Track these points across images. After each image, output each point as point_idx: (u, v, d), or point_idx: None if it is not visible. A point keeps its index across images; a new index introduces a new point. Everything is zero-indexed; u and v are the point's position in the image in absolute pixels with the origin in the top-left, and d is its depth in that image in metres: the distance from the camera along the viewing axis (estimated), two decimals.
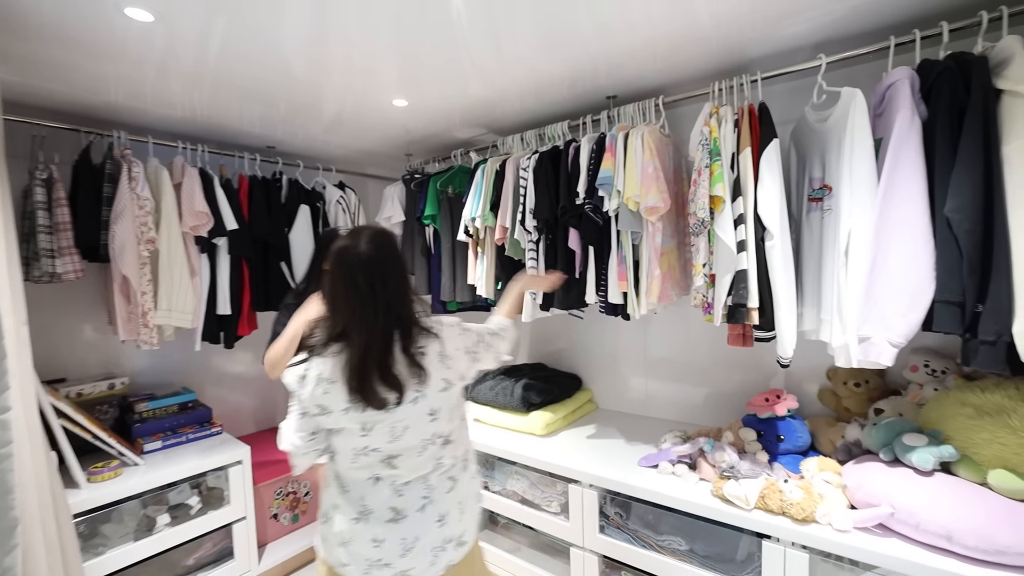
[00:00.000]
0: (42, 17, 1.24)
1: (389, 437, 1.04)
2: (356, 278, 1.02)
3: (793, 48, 1.54)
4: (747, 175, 1.37)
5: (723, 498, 1.37)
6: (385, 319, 1.03)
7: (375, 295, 1.02)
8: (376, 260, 1.04)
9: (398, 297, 1.06)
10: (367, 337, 1.01)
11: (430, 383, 1.06)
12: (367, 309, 1.02)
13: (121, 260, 1.65)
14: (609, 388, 2.28)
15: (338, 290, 1.04)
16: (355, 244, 1.04)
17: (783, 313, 1.32)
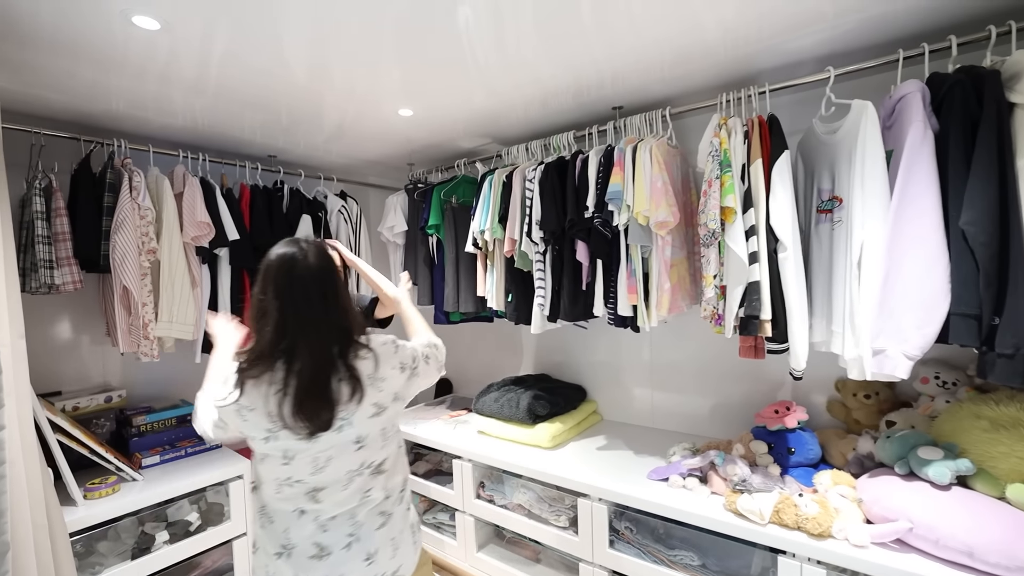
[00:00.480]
0: (42, 24, 1.21)
1: (311, 468, 0.99)
2: (309, 290, 0.97)
3: (800, 60, 1.55)
4: (758, 187, 1.37)
5: (737, 512, 1.35)
6: (332, 336, 0.99)
7: (327, 309, 0.98)
8: (326, 271, 1.00)
9: (345, 312, 1.02)
10: (315, 355, 0.95)
11: (359, 409, 1.00)
12: (317, 325, 0.97)
13: (122, 271, 1.62)
14: (614, 399, 2.26)
15: (284, 303, 0.96)
16: (303, 254, 0.99)
17: (796, 325, 1.31)
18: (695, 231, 1.76)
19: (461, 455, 2.01)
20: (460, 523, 2.03)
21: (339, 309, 1.01)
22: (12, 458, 1.14)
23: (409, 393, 1.13)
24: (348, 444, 1.01)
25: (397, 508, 1.10)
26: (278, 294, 0.96)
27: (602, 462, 1.79)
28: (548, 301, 1.81)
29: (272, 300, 0.96)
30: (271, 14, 1.21)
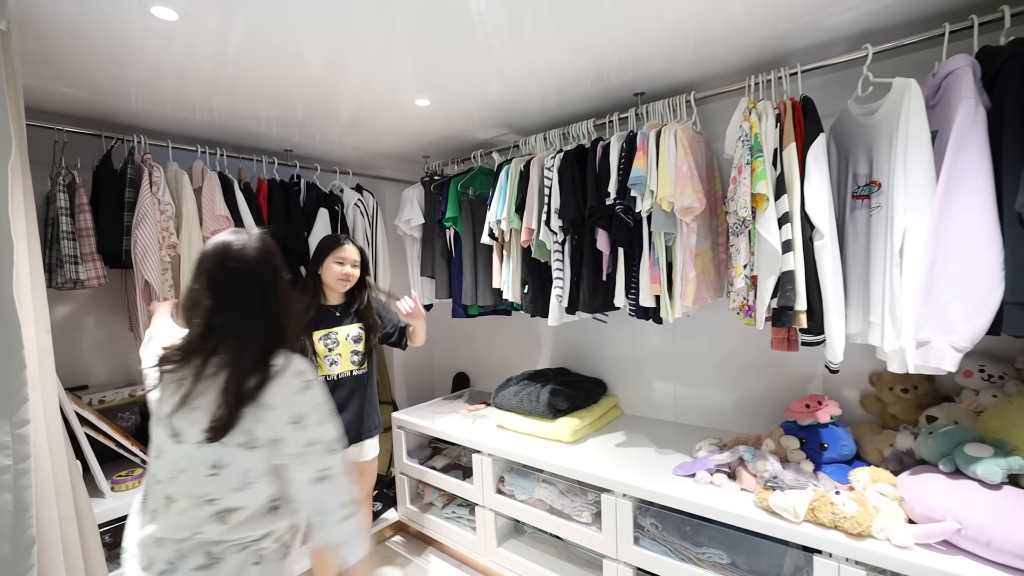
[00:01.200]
0: (62, 18, 1.21)
1: (170, 471, 0.91)
2: (243, 283, 0.91)
3: (835, 39, 1.48)
4: (792, 172, 1.31)
5: (768, 510, 1.30)
6: (262, 334, 0.92)
7: (262, 304, 0.93)
8: (264, 264, 0.94)
9: (282, 309, 0.96)
10: (238, 355, 0.90)
11: (235, 429, 0.89)
12: (251, 319, 0.91)
13: (144, 265, 1.63)
14: (635, 393, 2.22)
15: (215, 295, 0.91)
16: (240, 244, 0.93)
17: (833, 316, 1.26)
18: (720, 221, 1.71)
19: (481, 449, 1.99)
20: (480, 517, 2.02)
21: (276, 305, 0.95)
22: (38, 452, 1.15)
23: (284, 452, 0.91)
24: (203, 463, 0.90)
25: (233, 555, 0.91)
26: (210, 284, 0.92)
27: (625, 457, 1.75)
28: (567, 292, 1.77)
29: (203, 291, 0.92)
30: (286, 5, 1.18)
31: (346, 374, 1.72)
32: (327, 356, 1.69)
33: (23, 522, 1.03)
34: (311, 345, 1.67)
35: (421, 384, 3.09)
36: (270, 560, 0.95)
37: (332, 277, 1.70)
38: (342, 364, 1.71)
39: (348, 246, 1.73)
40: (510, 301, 1.98)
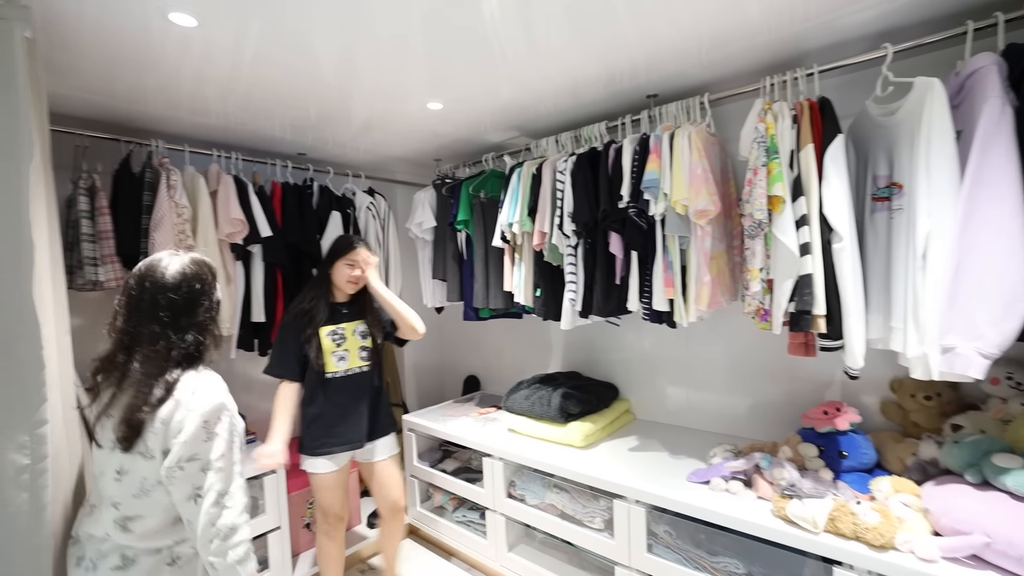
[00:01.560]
0: (85, 26, 1.24)
1: (96, 474, 0.99)
2: (156, 304, 0.98)
3: (852, 38, 1.45)
4: (810, 174, 1.29)
5: (786, 519, 1.27)
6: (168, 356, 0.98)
7: (174, 325, 0.99)
8: (182, 287, 1.00)
9: (196, 332, 1.01)
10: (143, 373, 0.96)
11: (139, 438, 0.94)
12: (155, 341, 0.97)
13: None
14: (647, 398, 2.20)
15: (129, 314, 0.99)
16: (163, 266, 1.01)
17: (853, 321, 1.23)
18: (734, 223, 1.69)
19: (492, 453, 1.98)
20: (491, 522, 2.01)
21: (190, 326, 1.00)
22: (55, 452, 1.16)
23: (164, 464, 0.93)
24: (111, 468, 0.96)
25: (146, 558, 0.97)
26: (127, 303, 0.99)
27: (637, 463, 1.73)
28: (580, 296, 1.76)
29: (120, 308, 1.00)
30: (301, 9, 1.20)
31: (355, 370, 1.74)
32: (335, 352, 1.71)
33: (40, 520, 1.04)
34: (318, 340, 1.69)
35: (431, 387, 3.09)
36: (187, 562, 0.99)
37: (342, 279, 1.74)
38: (350, 360, 1.73)
39: (361, 250, 1.76)
40: (522, 304, 1.98)
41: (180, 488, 0.93)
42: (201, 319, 1.03)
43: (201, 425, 0.95)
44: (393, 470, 1.84)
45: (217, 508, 0.93)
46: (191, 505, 0.93)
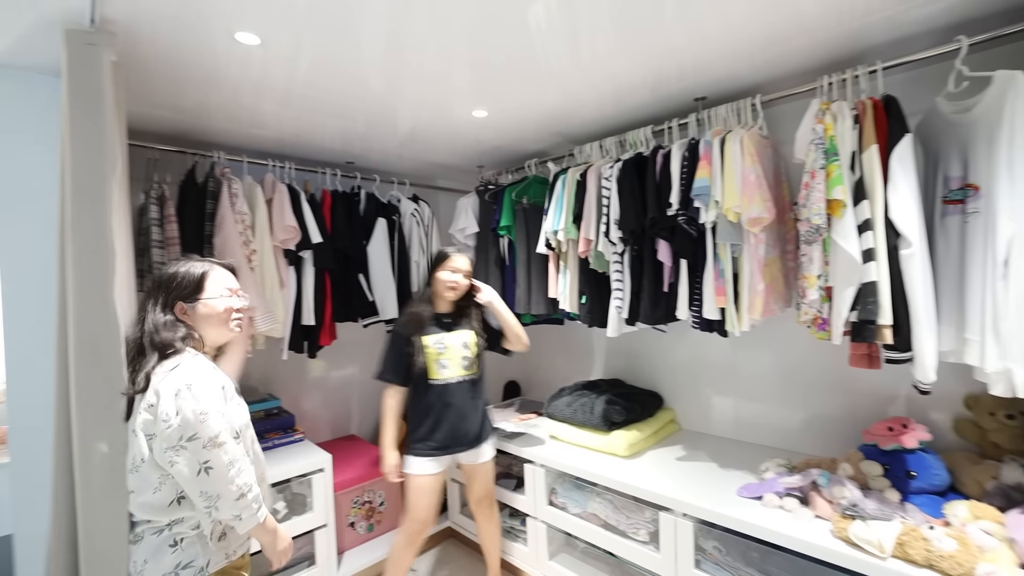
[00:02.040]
0: (158, 50, 1.33)
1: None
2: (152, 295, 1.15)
3: (918, 33, 1.38)
4: (873, 176, 1.23)
5: (848, 540, 1.21)
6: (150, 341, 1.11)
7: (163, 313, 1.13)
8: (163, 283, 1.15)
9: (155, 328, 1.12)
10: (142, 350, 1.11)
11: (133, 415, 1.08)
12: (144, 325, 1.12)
13: None
14: (693, 408, 2.14)
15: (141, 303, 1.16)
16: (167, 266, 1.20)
17: (923, 332, 1.15)
18: (788, 228, 1.63)
19: (533, 460, 1.97)
20: (532, 529, 2.00)
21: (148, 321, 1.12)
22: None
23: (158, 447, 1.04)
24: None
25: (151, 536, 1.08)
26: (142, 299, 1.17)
27: (683, 475, 1.68)
28: (627, 303, 1.73)
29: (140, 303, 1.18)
30: (350, 24, 1.24)
31: (456, 379, 1.77)
32: (438, 360, 1.76)
33: (121, 504, 1.11)
34: (422, 348, 1.76)
35: None
36: (190, 545, 1.08)
37: (441, 287, 1.79)
38: (452, 369, 1.77)
39: (456, 256, 1.81)
40: (566, 311, 1.97)
41: (187, 466, 1.02)
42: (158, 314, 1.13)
43: (188, 408, 1.04)
44: (488, 469, 1.90)
45: (233, 472, 1.05)
46: (204, 478, 1.03)
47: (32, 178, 1.39)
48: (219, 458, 1.04)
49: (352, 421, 2.73)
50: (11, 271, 1.37)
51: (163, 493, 1.07)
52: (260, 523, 1.11)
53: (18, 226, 1.38)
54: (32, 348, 1.38)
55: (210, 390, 1.09)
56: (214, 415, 1.06)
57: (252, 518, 1.09)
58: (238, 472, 1.06)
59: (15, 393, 1.37)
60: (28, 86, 1.39)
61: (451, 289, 1.78)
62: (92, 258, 1.12)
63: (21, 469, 1.36)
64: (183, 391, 1.05)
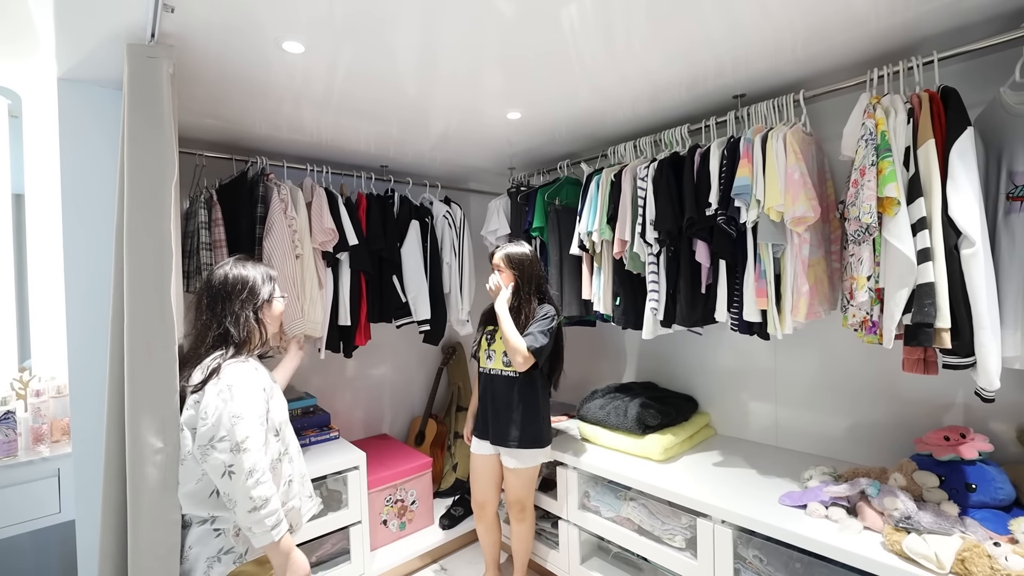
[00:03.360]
0: (210, 60, 1.38)
1: None
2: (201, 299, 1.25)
3: (977, 21, 1.31)
4: (930, 172, 1.17)
5: (902, 554, 1.15)
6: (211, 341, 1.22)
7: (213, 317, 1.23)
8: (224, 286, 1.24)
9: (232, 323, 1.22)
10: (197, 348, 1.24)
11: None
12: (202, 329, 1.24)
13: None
14: (729, 412, 2.08)
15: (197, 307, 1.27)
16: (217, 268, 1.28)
17: (987, 336, 1.09)
18: (832, 227, 1.57)
19: (565, 462, 1.96)
20: (563, 532, 1.98)
21: (224, 317, 1.22)
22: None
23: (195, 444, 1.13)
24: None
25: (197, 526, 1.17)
26: (196, 301, 1.27)
27: (721, 481, 1.64)
28: (662, 305, 1.71)
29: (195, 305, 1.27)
30: (386, 30, 1.27)
31: (497, 371, 1.84)
32: (486, 350, 1.87)
33: (172, 497, 1.16)
34: (479, 338, 1.90)
35: None
36: (229, 536, 1.16)
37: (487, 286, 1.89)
38: (495, 360, 1.84)
39: (496, 253, 1.88)
40: (600, 312, 1.95)
41: (214, 466, 1.08)
42: (237, 312, 1.22)
43: (224, 410, 1.09)
44: (514, 477, 1.83)
45: (252, 482, 1.07)
46: (227, 480, 1.08)
47: (97, 186, 1.48)
48: (241, 464, 1.07)
49: (384, 420, 2.78)
50: (74, 273, 1.45)
51: (203, 484, 1.14)
52: (274, 542, 1.11)
53: (82, 231, 1.46)
54: (93, 344, 1.45)
55: (250, 393, 1.13)
56: (248, 419, 1.10)
57: (265, 534, 1.09)
58: (256, 483, 1.08)
59: (77, 387, 1.45)
60: (93, 99, 1.47)
61: (492, 290, 1.86)
62: (150, 260, 1.17)
63: (83, 459, 1.44)
64: (224, 391, 1.11)
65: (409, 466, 2.30)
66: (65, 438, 1.78)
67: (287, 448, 1.27)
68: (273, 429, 1.21)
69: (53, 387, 1.81)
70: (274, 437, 1.21)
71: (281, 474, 1.23)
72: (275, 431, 1.22)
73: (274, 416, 1.22)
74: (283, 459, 1.24)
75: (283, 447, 1.25)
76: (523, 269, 1.83)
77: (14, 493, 1.61)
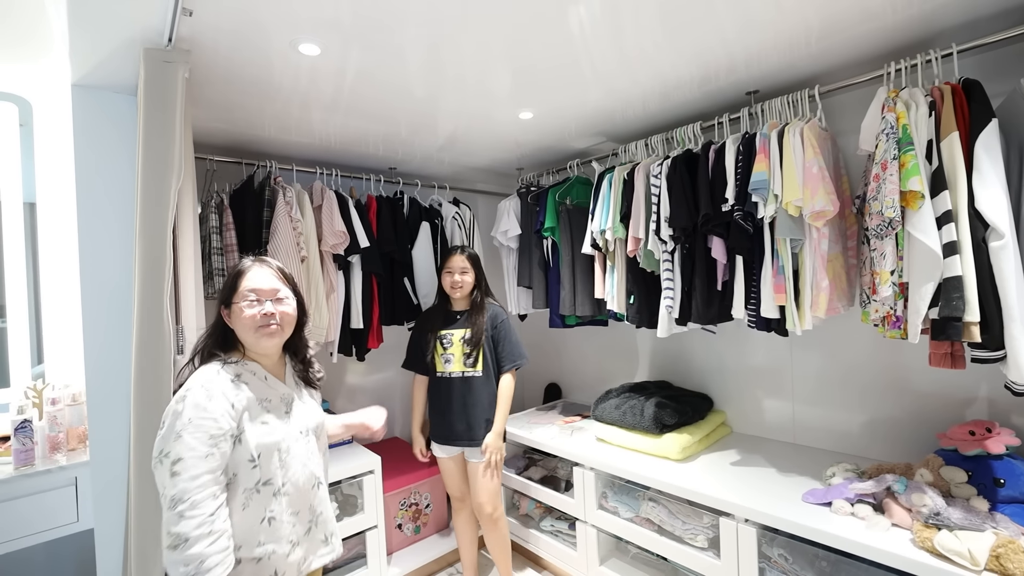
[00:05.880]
0: (218, 61, 1.37)
1: None
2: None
3: (994, 12, 1.31)
4: (955, 165, 1.16)
5: (933, 551, 1.14)
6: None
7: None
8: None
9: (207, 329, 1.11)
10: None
11: None
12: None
13: None
14: (745, 410, 2.07)
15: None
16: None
17: (1017, 328, 1.08)
18: (848, 223, 1.56)
19: (582, 463, 1.95)
20: (581, 533, 1.97)
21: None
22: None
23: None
24: None
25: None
26: None
27: (741, 479, 1.63)
28: (677, 303, 1.70)
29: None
30: (394, 30, 1.26)
31: (457, 373, 1.86)
32: (442, 354, 1.88)
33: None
34: (431, 343, 1.89)
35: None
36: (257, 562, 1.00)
37: (447, 285, 1.90)
38: (455, 363, 1.86)
39: (455, 256, 1.89)
40: (613, 311, 1.94)
41: (159, 482, 0.91)
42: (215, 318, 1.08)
43: (168, 422, 0.93)
44: (483, 475, 1.86)
45: (173, 515, 0.87)
46: (162, 500, 0.89)
47: (112, 193, 1.47)
48: (167, 490, 0.88)
49: (396, 424, 2.77)
50: (91, 280, 1.45)
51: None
52: None
53: (98, 238, 1.46)
54: (109, 351, 1.45)
55: (201, 403, 0.93)
56: (187, 436, 0.90)
57: None
58: (178, 517, 0.86)
59: (94, 394, 1.44)
60: (107, 105, 1.47)
61: (455, 288, 1.88)
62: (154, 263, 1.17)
63: (101, 467, 1.43)
64: (179, 399, 0.94)
65: (423, 469, 2.29)
66: (82, 446, 1.77)
67: (270, 479, 1.00)
68: (248, 454, 0.97)
69: (68, 395, 1.80)
70: (248, 463, 0.97)
71: (251, 509, 0.97)
72: (250, 457, 0.97)
73: (252, 438, 0.98)
74: (260, 490, 0.98)
75: (262, 476, 0.99)
76: (480, 268, 1.94)
77: (31, 503, 1.60)
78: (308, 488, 1.08)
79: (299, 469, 1.06)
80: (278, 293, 1.08)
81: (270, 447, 1.01)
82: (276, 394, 1.08)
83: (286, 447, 1.04)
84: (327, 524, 1.13)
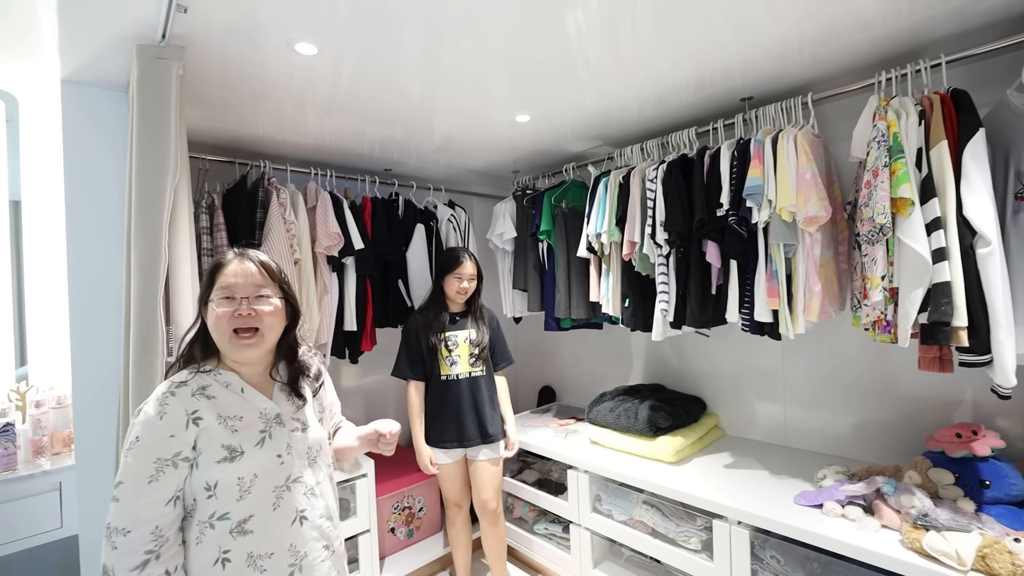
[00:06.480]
0: (210, 59, 1.35)
1: None
2: None
3: (985, 24, 1.33)
4: (944, 173, 1.18)
5: (922, 552, 1.16)
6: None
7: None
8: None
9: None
10: None
11: None
12: None
13: None
14: (737, 413, 2.09)
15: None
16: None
17: (1003, 333, 1.11)
18: (840, 229, 1.59)
19: (576, 466, 1.95)
20: (575, 536, 1.97)
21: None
22: None
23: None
24: None
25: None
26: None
27: (734, 482, 1.64)
28: (672, 306, 1.71)
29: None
30: (392, 31, 1.25)
31: (464, 375, 1.87)
32: (447, 357, 1.87)
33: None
34: (434, 346, 1.86)
35: None
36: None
37: (452, 290, 1.88)
38: (460, 365, 1.87)
39: (466, 263, 1.89)
40: (608, 315, 1.95)
41: None
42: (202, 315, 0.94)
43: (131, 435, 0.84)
44: (489, 472, 1.90)
45: (106, 543, 0.79)
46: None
47: (100, 191, 1.45)
48: (108, 513, 0.80)
49: None
50: (78, 280, 1.42)
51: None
52: None
53: (85, 237, 1.43)
54: (96, 352, 1.42)
55: (151, 424, 0.83)
56: (134, 458, 0.81)
57: None
58: (110, 546, 0.78)
59: (80, 397, 1.42)
60: (97, 101, 1.45)
61: (462, 294, 1.89)
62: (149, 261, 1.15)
63: (87, 472, 1.40)
64: (135, 416, 0.86)
65: (416, 473, 2.27)
66: (66, 450, 1.73)
67: (227, 512, 0.85)
68: (203, 481, 0.84)
69: (53, 397, 1.76)
70: (203, 491, 0.85)
71: (204, 545, 0.85)
72: (205, 485, 0.84)
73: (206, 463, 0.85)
74: (214, 525, 0.85)
75: (217, 508, 0.85)
76: (482, 273, 1.96)
77: (13, 509, 1.57)
78: (285, 525, 0.90)
79: (271, 501, 0.89)
80: (259, 291, 0.92)
81: (229, 473, 0.85)
82: (253, 410, 0.92)
83: (250, 476, 0.87)
84: (315, 570, 0.92)
